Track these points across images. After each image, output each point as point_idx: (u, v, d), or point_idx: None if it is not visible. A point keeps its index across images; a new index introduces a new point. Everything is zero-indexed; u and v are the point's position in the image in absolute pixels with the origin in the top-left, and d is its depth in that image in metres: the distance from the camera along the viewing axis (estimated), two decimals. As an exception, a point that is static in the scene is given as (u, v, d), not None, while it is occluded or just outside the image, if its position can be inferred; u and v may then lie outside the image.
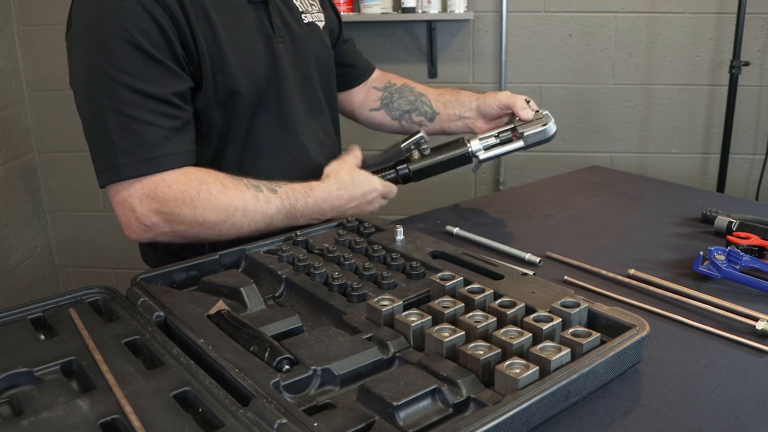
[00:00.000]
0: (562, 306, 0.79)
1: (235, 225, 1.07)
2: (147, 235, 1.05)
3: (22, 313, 0.85)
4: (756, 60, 2.62)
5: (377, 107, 1.47)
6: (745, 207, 1.38)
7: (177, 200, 1.02)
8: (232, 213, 1.06)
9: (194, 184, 1.03)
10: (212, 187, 1.05)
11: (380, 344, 0.76)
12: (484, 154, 1.29)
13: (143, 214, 1.02)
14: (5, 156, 2.70)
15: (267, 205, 1.09)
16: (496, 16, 2.71)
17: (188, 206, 1.03)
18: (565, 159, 2.79)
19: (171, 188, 1.02)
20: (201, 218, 1.04)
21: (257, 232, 1.11)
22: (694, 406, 0.71)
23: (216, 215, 1.05)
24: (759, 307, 0.90)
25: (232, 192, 1.06)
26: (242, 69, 1.11)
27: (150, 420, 0.63)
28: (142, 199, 1.02)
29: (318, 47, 1.28)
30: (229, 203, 1.06)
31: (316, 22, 1.29)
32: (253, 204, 1.08)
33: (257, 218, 1.09)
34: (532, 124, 1.29)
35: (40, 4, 2.74)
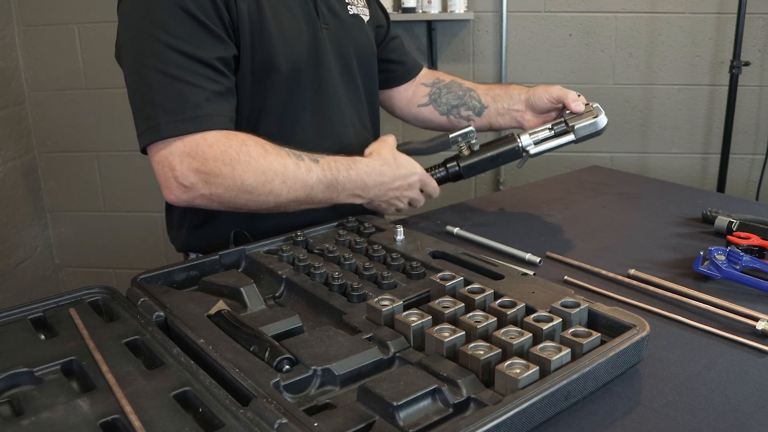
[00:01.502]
0: (563, 306, 0.79)
1: (273, 191, 1.05)
2: (185, 196, 1.03)
3: (23, 313, 0.85)
4: (756, 60, 2.62)
5: (425, 102, 1.46)
6: (745, 207, 1.38)
7: (216, 159, 1.00)
8: (271, 177, 1.04)
9: (234, 144, 1.02)
10: (253, 149, 1.03)
11: (380, 344, 0.76)
12: (535, 149, 1.28)
13: (182, 173, 1.00)
14: (5, 156, 2.70)
15: (308, 174, 1.07)
16: (496, 16, 2.71)
17: (227, 167, 1.01)
18: (565, 159, 2.78)
19: (211, 147, 1.00)
20: (240, 180, 1.02)
21: (297, 202, 1.09)
22: (695, 406, 0.71)
23: (254, 178, 1.03)
24: (759, 307, 0.90)
25: (272, 156, 1.04)
26: (283, 46, 1.11)
27: (150, 420, 0.63)
28: (182, 158, 1.00)
29: (361, 39, 1.29)
30: (269, 167, 1.04)
31: (361, 15, 1.30)
32: (293, 171, 1.05)
33: (297, 186, 1.06)
34: (583, 117, 1.26)
35: (40, 4, 2.74)
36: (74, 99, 2.82)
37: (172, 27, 1.00)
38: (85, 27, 2.74)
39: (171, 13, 1.00)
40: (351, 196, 1.13)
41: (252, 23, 1.08)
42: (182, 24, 1.01)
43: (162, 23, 1.00)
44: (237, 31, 1.07)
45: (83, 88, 2.80)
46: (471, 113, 1.42)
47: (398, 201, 1.21)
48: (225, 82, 1.06)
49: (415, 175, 1.20)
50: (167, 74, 1.00)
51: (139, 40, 1.02)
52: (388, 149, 1.19)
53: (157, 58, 1.00)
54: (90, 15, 2.71)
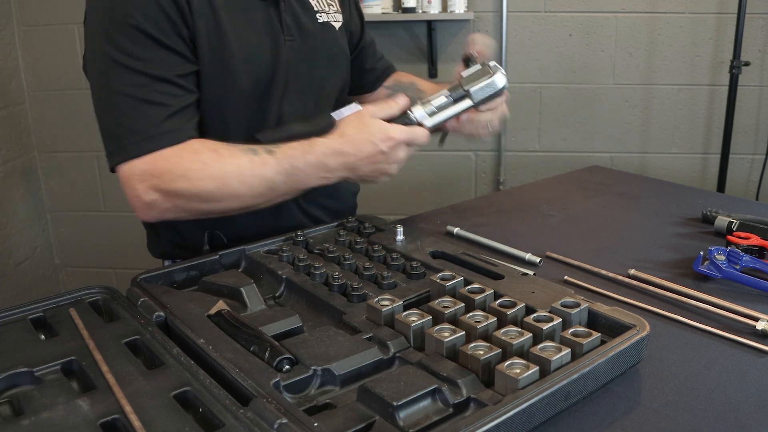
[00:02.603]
0: (563, 306, 0.79)
1: (233, 193, 1.04)
2: (152, 213, 1.05)
3: (23, 313, 0.85)
4: (756, 60, 2.62)
5: None
6: (745, 207, 1.38)
7: (172, 173, 1.01)
8: (227, 181, 1.03)
9: (186, 155, 1.03)
10: (205, 156, 1.03)
11: (380, 344, 0.76)
12: (431, 120, 1.11)
13: (143, 191, 1.02)
14: (5, 156, 2.70)
15: (264, 168, 1.04)
16: (496, 16, 2.71)
17: (182, 178, 1.02)
18: (565, 159, 2.79)
19: (166, 162, 1.02)
20: (197, 189, 1.03)
21: (262, 197, 1.07)
22: (695, 406, 0.71)
23: (212, 185, 1.02)
24: (759, 307, 0.90)
25: (226, 159, 1.03)
26: (244, 62, 1.11)
27: (150, 420, 0.63)
28: (142, 176, 1.02)
29: (332, 47, 1.28)
30: (223, 170, 1.03)
31: (332, 23, 1.28)
32: (249, 168, 1.03)
33: (255, 183, 1.04)
34: (479, 78, 1.12)
35: (40, 4, 2.74)
36: (74, 99, 2.82)
37: (130, 47, 1.02)
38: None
39: (127, 33, 1.02)
40: (317, 179, 1.08)
41: (211, 41, 1.08)
42: (139, 44, 1.02)
43: (120, 44, 1.02)
44: (196, 48, 1.07)
45: (83, 88, 2.78)
46: None
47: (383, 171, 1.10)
48: (187, 97, 1.07)
49: (389, 141, 1.07)
50: (128, 95, 1.02)
51: (101, 62, 1.04)
52: (353, 123, 1.09)
53: (118, 80, 1.02)
54: (90, 15, 2.71)
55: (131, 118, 1.02)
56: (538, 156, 2.79)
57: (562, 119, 2.77)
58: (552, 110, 2.77)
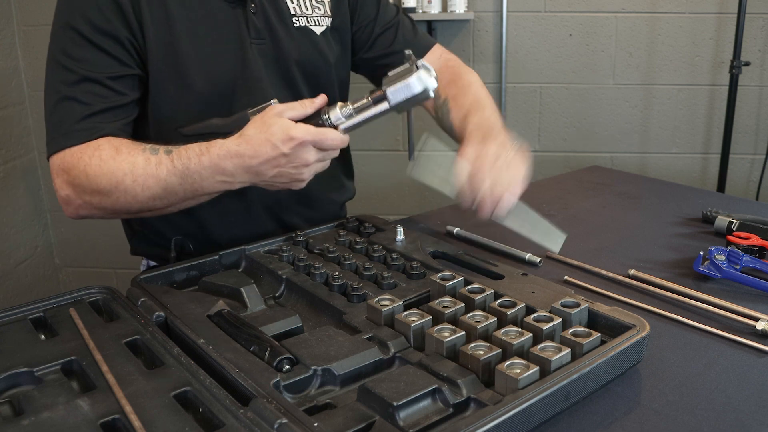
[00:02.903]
0: (563, 306, 0.79)
1: (127, 191, 1.01)
2: (70, 208, 1.08)
3: (23, 313, 0.85)
4: (756, 60, 2.62)
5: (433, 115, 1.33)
6: (745, 207, 1.38)
7: (77, 168, 1.03)
8: (121, 178, 1.00)
9: (89, 151, 1.03)
10: (104, 152, 1.02)
11: (380, 344, 0.76)
12: (345, 123, 1.01)
13: (59, 185, 1.06)
14: (6, 156, 2.70)
15: (158, 168, 1.00)
16: (496, 16, 2.71)
17: (83, 174, 1.02)
18: (565, 159, 2.79)
19: (73, 157, 1.04)
20: (95, 185, 1.02)
21: (157, 198, 1.02)
22: (695, 406, 0.71)
23: (106, 181, 1.01)
24: (759, 307, 0.90)
25: (123, 156, 1.01)
26: (199, 65, 1.11)
27: (150, 420, 0.63)
28: (58, 172, 1.06)
29: (306, 51, 1.23)
30: (117, 167, 1.01)
31: (311, 27, 1.24)
32: (142, 167, 1.00)
33: (149, 182, 1.00)
34: (399, 77, 0.98)
35: (40, 4, 2.74)
36: (74, 99, 2.82)
37: (68, 47, 1.06)
38: (85, 27, 2.74)
39: (66, 34, 1.06)
40: (216, 183, 1.00)
41: (159, 45, 1.08)
42: (76, 45, 1.05)
43: (60, 44, 1.07)
44: (145, 53, 1.09)
45: (83, 88, 2.80)
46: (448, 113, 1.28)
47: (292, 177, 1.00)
48: (114, 99, 1.08)
49: (291, 142, 0.95)
50: (57, 92, 1.06)
51: (48, 59, 1.09)
52: (256, 124, 0.98)
53: (52, 77, 1.07)
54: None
55: (55, 115, 1.06)
56: (538, 156, 2.79)
57: (562, 119, 2.77)
58: (552, 110, 2.77)
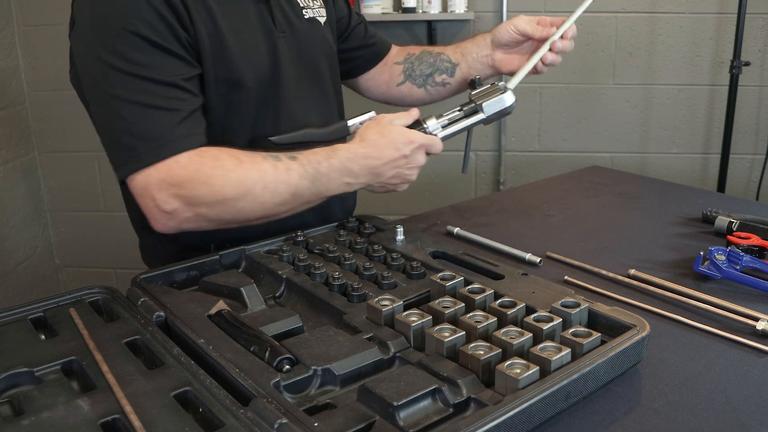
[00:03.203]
0: (563, 306, 0.79)
1: (257, 199, 1.02)
2: (171, 223, 1.02)
3: (23, 313, 0.85)
4: (756, 60, 2.62)
5: (401, 81, 1.44)
6: (745, 207, 1.38)
7: (192, 180, 0.99)
8: (250, 186, 1.01)
9: (208, 161, 1.01)
10: (227, 162, 1.01)
11: (381, 344, 0.76)
12: (442, 132, 1.18)
13: (163, 200, 0.99)
14: (6, 156, 2.70)
15: (288, 173, 1.03)
16: (496, 16, 2.71)
17: (204, 185, 0.99)
18: (565, 159, 2.79)
19: (185, 169, 0.99)
20: (220, 196, 1.00)
21: (285, 204, 1.05)
22: (695, 406, 0.71)
23: (234, 190, 1.00)
24: (759, 307, 0.90)
25: (247, 165, 1.02)
26: (246, 61, 1.10)
27: (150, 420, 0.63)
28: (159, 185, 0.99)
29: (320, 42, 1.28)
30: (246, 175, 1.01)
31: (317, 18, 1.29)
32: (272, 174, 1.02)
33: (280, 189, 1.03)
34: (490, 94, 1.20)
35: (40, 4, 2.74)
36: (74, 99, 2.79)
37: (130, 53, 0.99)
38: (85, 27, 2.74)
39: (125, 39, 0.99)
40: (341, 185, 1.08)
41: (211, 42, 1.06)
42: (138, 49, 1.00)
43: (119, 51, 0.99)
44: (198, 51, 1.06)
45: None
46: (445, 76, 1.40)
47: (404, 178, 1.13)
48: (194, 101, 1.05)
49: (412, 144, 1.10)
50: (135, 102, 1.00)
51: (100, 72, 1.01)
52: (376, 129, 1.10)
53: (122, 88, 1.00)
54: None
55: (141, 126, 0.99)
56: (538, 156, 2.79)
57: (562, 119, 2.77)
58: (552, 110, 2.77)
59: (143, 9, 1.00)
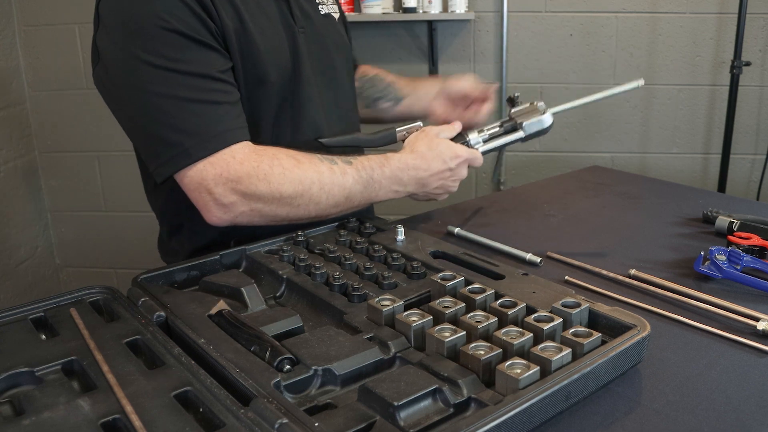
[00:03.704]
0: (563, 306, 0.79)
1: (312, 199, 1.06)
2: (227, 216, 1.04)
3: (23, 313, 0.85)
4: (757, 60, 2.62)
5: None
6: (746, 207, 1.38)
7: (251, 176, 1.01)
8: (308, 186, 1.05)
9: (266, 159, 1.03)
10: (285, 161, 1.04)
11: (381, 344, 0.76)
12: (483, 147, 1.25)
13: (221, 194, 1.01)
14: (6, 156, 2.70)
15: (343, 177, 1.08)
16: (497, 16, 2.71)
17: (263, 182, 1.02)
18: (565, 159, 2.79)
19: (243, 165, 1.01)
20: (277, 193, 1.03)
21: (337, 207, 1.09)
22: (695, 407, 0.71)
23: (292, 188, 1.04)
24: (760, 307, 0.90)
25: (305, 165, 1.05)
26: (270, 57, 1.11)
27: (151, 420, 0.63)
28: (216, 180, 1.01)
29: (336, 37, 1.28)
30: (304, 175, 1.04)
31: (332, 14, 1.30)
32: (329, 176, 1.06)
33: (335, 191, 1.07)
34: (530, 114, 1.25)
35: (41, 4, 2.74)
36: (75, 99, 2.83)
37: (167, 50, 0.99)
38: (85, 27, 2.74)
39: (160, 36, 0.99)
40: (389, 192, 1.13)
41: (238, 37, 1.07)
42: (175, 45, 1.00)
43: (155, 49, 0.99)
44: (226, 46, 1.06)
45: (84, 88, 2.80)
46: (390, 104, 1.45)
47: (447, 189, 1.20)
48: (233, 93, 1.06)
49: (457, 158, 1.17)
50: (177, 98, 1.00)
51: (138, 70, 1.00)
52: (425, 141, 1.17)
53: (163, 84, 1.00)
54: (91, 15, 2.71)
55: (186, 121, 1.00)
56: (539, 156, 2.79)
57: (563, 119, 2.77)
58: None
59: (175, 5, 1.00)
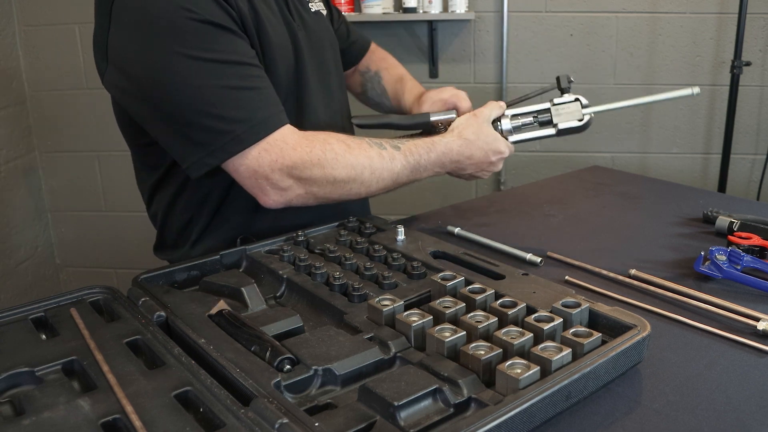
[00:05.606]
0: (563, 306, 0.79)
1: (364, 183, 1.10)
2: (283, 199, 1.07)
3: (24, 313, 0.85)
4: (757, 60, 2.62)
5: (360, 92, 1.55)
6: (746, 207, 1.38)
7: (305, 162, 1.04)
8: (360, 171, 1.08)
9: (318, 144, 1.06)
10: (336, 146, 1.07)
11: (381, 344, 0.76)
12: (514, 137, 1.21)
13: (278, 179, 1.04)
14: (6, 156, 2.70)
15: (392, 162, 1.11)
16: (497, 16, 2.71)
17: (317, 167, 1.05)
18: (566, 159, 2.79)
19: (296, 150, 1.03)
20: (331, 177, 1.06)
21: (386, 189, 1.14)
22: (695, 407, 0.71)
23: (345, 173, 1.07)
24: (760, 307, 0.90)
25: (356, 151, 1.09)
26: (279, 50, 1.12)
27: (151, 420, 0.63)
28: (272, 166, 1.03)
29: (326, 34, 1.29)
30: (356, 161, 1.08)
31: (321, 11, 1.30)
32: (378, 161, 1.10)
33: (384, 175, 1.11)
34: (569, 113, 1.21)
35: (41, 4, 2.74)
36: (75, 99, 2.83)
37: (202, 41, 0.99)
38: (86, 27, 2.74)
39: (193, 28, 0.98)
40: (431, 174, 1.18)
41: (255, 26, 1.07)
42: (208, 34, 0.99)
43: (192, 41, 0.98)
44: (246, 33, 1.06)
45: (84, 88, 2.80)
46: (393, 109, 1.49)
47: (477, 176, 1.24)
48: (266, 77, 1.07)
49: (498, 155, 1.20)
50: (223, 86, 1.00)
51: (176, 66, 0.98)
52: (474, 127, 1.19)
53: (207, 75, 0.99)
54: (91, 15, 2.71)
55: (232, 109, 1.00)
56: (539, 156, 2.79)
57: (563, 119, 2.77)
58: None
59: None
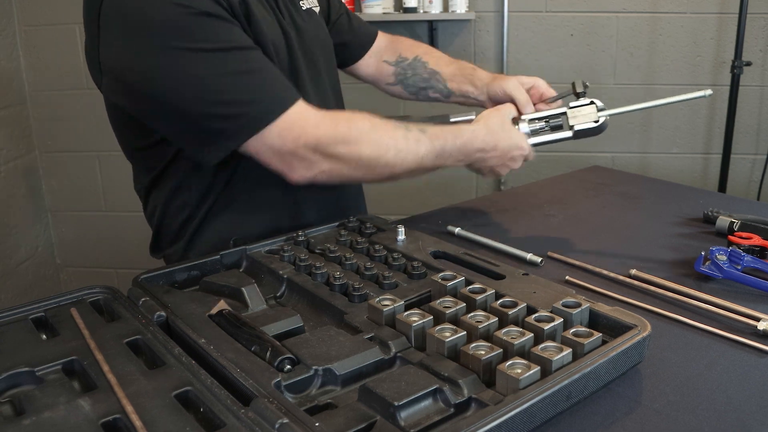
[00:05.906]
0: (564, 306, 0.79)
1: (388, 163, 1.08)
2: (309, 173, 1.05)
3: (24, 313, 0.85)
4: (758, 60, 2.62)
5: (393, 82, 1.48)
6: (746, 207, 1.38)
7: (329, 138, 1.03)
8: (385, 150, 1.07)
9: (342, 122, 1.06)
10: (360, 123, 1.07)
11: (381, 344, 0.76)
12: (531, 140, 1.22)
13: (303, 154, 1.03)
14: (7, 156, 2.70)
15: (417, 145, 1.09)
16: (497, 16, 2.71)
17: (342, 144, 1.04)
18: (566, 159, 2.78)
19: (319, 128, 1.03)
20: (357, 155, 1.05)
21: (409, 172, 1.11)
22: (696, 407, 0.71)
23: (370, 151, 1.06)
24: (760, 307, 0.90)
25: (381, 130, 1.08)
26: (274, 50, 1.11)
27: (151, 420, 0.63)
28: (296, 142, 1.02)
29: (318, 32, 1.28)
30: (381, 140, 1.07)
31: (313, 8, 1.29)
32: (403, 143, 1.08)
33: (408, 158, 1.09)
34: (585, 115, 1.21)
35: (41, 4, 2.74)
36: (75, 99, 2.83)
37: (204, 32, 0.99)
38: (86, 27, 2.74)
39: (192, 22, 0.98)
40: (455, 162, 1.16)
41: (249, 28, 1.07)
42: (208, 25, 0.99)
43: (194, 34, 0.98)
44: None
45: (84, 88, 2.80)
46: (439, 95, 1.43)
47: (496, 171, 1.21)
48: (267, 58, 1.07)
49: (520, 150, 1.20)
50: (233, 73, 1.00)
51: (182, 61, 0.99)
52: (499, 118, 1.19)
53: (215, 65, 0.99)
54: (91, 15, 2.72)
55: (241, 92, 1.00)
56: (539, 156, 2.77)
57: (563, 119, 2.77)
58: (553, 110, 2.77)
59: None
